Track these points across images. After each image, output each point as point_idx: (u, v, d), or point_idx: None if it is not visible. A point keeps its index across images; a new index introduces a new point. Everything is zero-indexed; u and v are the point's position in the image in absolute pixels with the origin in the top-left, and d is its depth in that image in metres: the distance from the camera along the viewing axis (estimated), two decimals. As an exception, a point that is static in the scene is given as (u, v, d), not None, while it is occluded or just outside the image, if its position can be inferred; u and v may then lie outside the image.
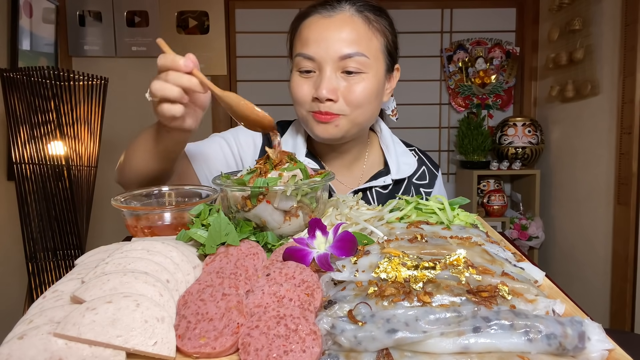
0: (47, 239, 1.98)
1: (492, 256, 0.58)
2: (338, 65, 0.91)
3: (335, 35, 0.90)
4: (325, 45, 0.90)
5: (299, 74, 0.96)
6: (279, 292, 0.51)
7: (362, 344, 0.43)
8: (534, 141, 2.74)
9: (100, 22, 2.87)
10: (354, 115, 0.94)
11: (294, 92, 0.97)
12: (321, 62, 0.91)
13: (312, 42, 0.92)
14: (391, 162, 1.08)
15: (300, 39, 0.95)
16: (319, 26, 0.92)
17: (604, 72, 2.22)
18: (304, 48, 0.93)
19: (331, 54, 0.90)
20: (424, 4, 3.03)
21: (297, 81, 0.96)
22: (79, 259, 0.60)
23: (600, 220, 2.27)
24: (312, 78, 0.94)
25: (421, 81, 3.10)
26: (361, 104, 0.93)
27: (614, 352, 0.43)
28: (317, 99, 0.92)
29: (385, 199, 1.06)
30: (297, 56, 0.95)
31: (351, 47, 0.90)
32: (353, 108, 0.93)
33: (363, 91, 0.92)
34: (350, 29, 0.91)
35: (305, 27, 0.94)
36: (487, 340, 0.42)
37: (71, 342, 0.42)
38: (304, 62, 0.93)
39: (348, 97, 0.92)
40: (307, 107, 0.96)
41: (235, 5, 2.99)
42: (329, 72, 0.91)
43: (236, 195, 0.70)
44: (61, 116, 1.91)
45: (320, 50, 0.91)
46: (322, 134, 0.96)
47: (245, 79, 3.04)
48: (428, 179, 1.12)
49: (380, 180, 1.05)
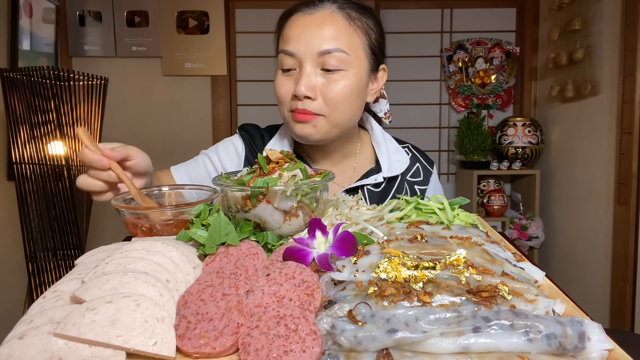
0: (47, 239, 1.98)
1: (492, 256, 0.58)
2: (317, 61, 0.91)
3: (315, 32, 0.90)
4: (305, 42, 0.90)
5: (281, 73, 0.96)
6: (279, 292, 0.51)
7: (362, 344, 0.43)
8: (534, 141, 2.74)
9: (100, 22, 2.87)
10: (333, 115, 0.93)
11: (276, 90, 0.97)
12: (301, 59, 0.91)
13: (292, 39, 0.92)
14: (382, 160, 1.08)
15: (282, 37, 0.95)
16: (301, 23, 0.92)
17: (604, 72, 2.22)
18: (285, 45, 0.93)
19: (310, 49, 0.90)
20: (424, 4, 3.04)
21: (279, 80, 0.96)
22: (79, 259, 0.60)
23: (600, 220, 2.27)
24: (293, 76, 0.94)
25: (421, 81, 3.10)
26: (339, 102, 0.92)
27: (614, 352, 0.43)
28: (296, 97, 0.92)
29: (377, 197, 1.06)
30: (280, 53, 0.95)
31: (330, 43, 0.90)
32: (332, 107, 0.92)
33: (342, 89, 0.91)
34: (331, 25, 0.91)
35: (287, 25, 0.94)
36: (487, 340, 0.42)
37: (71, 342, 0.42)
38: (285, 59, 0.93)
39: (326, 95, 0.91)
40: (288, 106, 0.96)
41: (235, 5, 2.99)
42: (308, 69, 0.91)
43: (236, 195, 0.70)
44: (61, 116, 1.91)
45: (300, 46, 0.91)
46: (300, 133, 0.95)
47: (245, 79, 3.04)
48: (422, 175, 1.12)
49: (371, 178, 1.05)
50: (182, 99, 2.95)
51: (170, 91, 2.94)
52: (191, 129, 2.97)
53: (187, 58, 2.91)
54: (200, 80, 2.95)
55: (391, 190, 1.08)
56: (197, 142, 2.97)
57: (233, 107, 3.04)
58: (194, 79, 2.95)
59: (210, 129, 2.98)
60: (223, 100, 2.97)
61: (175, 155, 2.97)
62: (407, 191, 1.10)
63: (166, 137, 2.94)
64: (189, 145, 2.96)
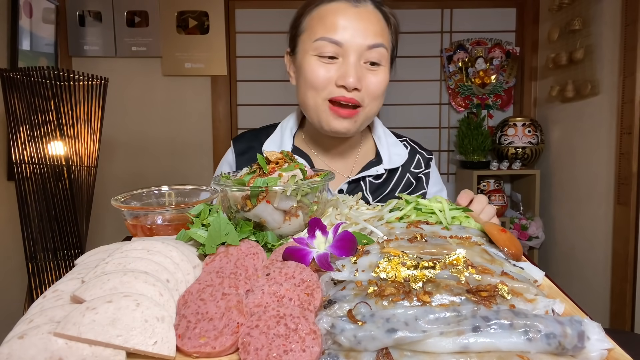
0: (47, 239, 1.98)
1: (491, 256, 0.58)
2: (363, 54, 0.92)
3: (364, 25, 0.92)
4: (354, 33, 0.91)
5: (319, 59, 0.94)
6: (279, 292, 0.51)
7: (361, 343, 0.43)
8: (534, 141, 2.74)
9: (100, 22, 2.87)
10: (370, 107, 0.97)
11: (312, 76, 0.94)
12: (348, 49, 0.92)
13: (339, 27, 0.91)
14: (383, 152, 1.10)
15: (323, 23, 0.93)
16: (348, 13, 0.92)
17: (604, 72, 2.22)
18: (330, 33, 0.92)
19: (360, 41, 0.91)
20: (424, 4, 3.03)
21: (315, 65, 0.94)
22: (79, 259, 0.60)
23: (600, 220, 2.27)
24: (334, 65, 0.93)
25: (421, 81, 3.10)
26: (378, 96, 0.96)
27: (614, 352, 0.43)
28: (342, 87, 0.92)
29: (377, 188, 1.08)
30: (320, 40, 0.92)
31: (377, 38, 0.93)
32: (371, 99, 0.96)
33: (381, 83, 0.95)
34: (376, 20, 0.94)
35: (329, 13, 0.93)
36: (487, 339, 0.42)
37: (71, 342, 0.42)
38: (328, 46, 0.92)
39: (369, 88, 0.94)
40: (325, 94, 0.94)
41: (235, 5, 2.99)
42: (355, 60, 0.92)
43: (236, 195, 0.70)
44: (61, 116, 1.91)
45: (348, 36, 0.91)
46: (339, 128, 0.96)
47: (245, 79, 3.04)
48: (424, 165, 1.15)
49: (372, 170, 1.07)
50: (182, 99, 2.95)
51: (170, 91, 2.94)
52: (191, 129, 2.97)
53: (187, 58, 2.91)
54: (200, 81, 2.95)
55: (392, 181, 1.10)
56: (197, 142, 2.97)
57: (233, 107, 3.04)
58: (194, 79, 2.95)
59: (210, 129, 2.98)
60: (223, 100, 2.97)
61: (175, 155, 3.00)
62: (412, 181, 1.12)
63: (166, 137, 2.94)
64: (189, 145, 2.96)
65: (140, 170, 2.93)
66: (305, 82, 0.96)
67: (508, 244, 0.62)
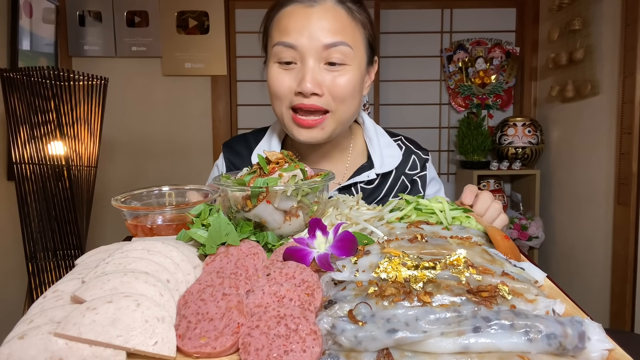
0: (47, 239, 1.98)
1: (492, 256, 0.58)
2: (321, 55, 0.87)
3: (318, 24, 0.86)
4: (308, 34, 0.86)
5: (278, 66, 0.90)
6: (279, 292, 0.51)
7: (362, 343, 0.43)
8: (534, 141, 2.74)
9: (100, 22, 2.87)
10: (340, 112, 0.91)
11: (273, 85, 0.91)
12: (303, 52, 0.87)
13: (293, 30, 0.87)
14: (374, 155, 1.05)
15: (278, 28, 0.90)
16: (301, 15, 0.87)
17: (604, 72, 2.22)
18: (284, 37, 0.87)
19: (314, 42, 0.86)
20: (424, 4, 3.03)
21: (275, 73, 0.90)
22: (79, 259, 0.60)
23: (600, 220, 2.27)
24: (293, 70, 0.89)
25: (421, 81, 3.10)
26: (346, 98, 0.90)
27: (614, 352, 0.43)
28: (300, 94, 0.87)
29: (370, 194, 1.04)
30: (277, 45, 0.89)
31: (335, 36, 0.86)
32: (338, 103, 0.89)
33: (347, 84, 0.88)
34: (334, 18, 0.87)
35: (284, 16, 0.89)
36: (487, 340, 0.42)
37: (72, 342, 0.42)
38: (284, 51, 0.88)
39: (333, 90, 0.88)
40: (287, 103, 0.91)
41: (235, 5, 2.99)
42: (312, 63, 0.87)
43: (236, 195, 0.70)
44: (61, 116, 1.91)
45: (303, 38, 0.86)
46: (306, 138, 0.92)
47: (245, 79, 3.04)
48: (419, 167, 1.09)
49: (364, 175, 1.02)
50: (182, 99, 2.95)
51: (170, 91, 2.94)
52: (191, 129, 2.97)
53: (187, 58, 2.91)
54: (200, 80, 2.95)
55: (385, 185, 1.05)
56: (197, 142, 2.97)
57: (233, 107, 3.04)
58: (194, 79, 2.95)
59: (210, 129, 2.98)
60: (223, 100, 2.97)
61: (175, 155, 3.00)
62: (407, 184, 1.07)
63: (166, 137, 2.94)
64: (189, 145, 2.96)
65: (140, 170, 2.93)
66: (270, 92, 0.93)
67: (509, 253, 0.62)
